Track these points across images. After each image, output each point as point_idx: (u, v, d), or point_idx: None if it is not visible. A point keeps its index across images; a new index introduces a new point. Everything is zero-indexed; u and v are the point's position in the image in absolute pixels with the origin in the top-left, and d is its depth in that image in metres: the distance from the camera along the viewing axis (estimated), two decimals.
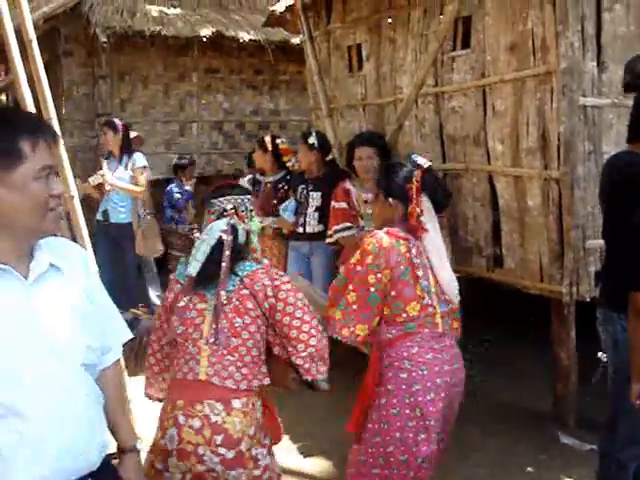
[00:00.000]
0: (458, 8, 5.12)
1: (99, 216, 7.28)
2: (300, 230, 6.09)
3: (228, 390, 2.75)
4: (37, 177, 1.88)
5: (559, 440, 4.74)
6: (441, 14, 5.50)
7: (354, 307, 3.26)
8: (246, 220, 2.95)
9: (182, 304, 2.90)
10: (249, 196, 3.05)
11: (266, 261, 3.04)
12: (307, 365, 2.83)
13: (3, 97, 14.91)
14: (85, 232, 4.51)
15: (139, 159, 7.32)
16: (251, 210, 3.00)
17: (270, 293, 2.80)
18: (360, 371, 3.65)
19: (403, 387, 3.23)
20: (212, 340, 2.80)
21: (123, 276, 7.44)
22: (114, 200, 7.23)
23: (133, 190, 7.20)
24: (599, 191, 3.69)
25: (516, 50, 4.86)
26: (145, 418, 4.87)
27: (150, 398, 3.18)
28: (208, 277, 2.82)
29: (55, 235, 2.09)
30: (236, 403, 2.75)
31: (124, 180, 7.21)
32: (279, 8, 7.59)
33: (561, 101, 4.51)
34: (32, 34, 4.31)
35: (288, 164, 6.67)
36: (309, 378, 2.86)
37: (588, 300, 4.59)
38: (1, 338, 1.82)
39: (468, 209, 5.37)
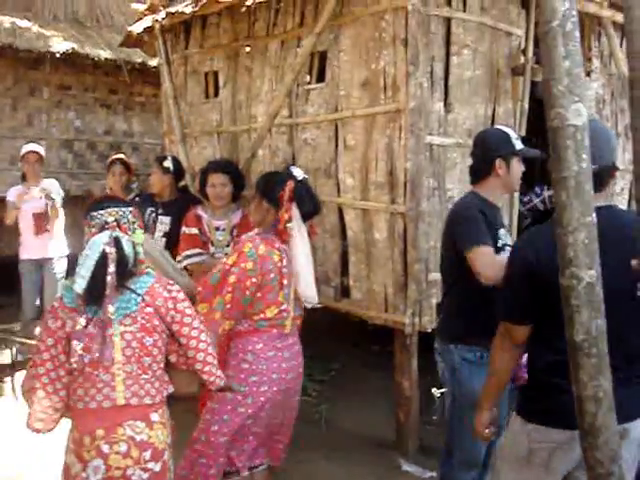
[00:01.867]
0: (314, 43, 5.24)
1: None
2: None
3: (145, 406, 2.78)
4: None
5: (401, 467, 4.86)
6: (298, 47, 5.59)
7: (228, 306, 3.57)
8: (129, 232, 2.87)
9: (80, 329, 2.75)
10: (131, 208, 2.96)
11: (152, 271, 2.99)
12: (212, 372, 2.94)
13: None
14: None
15: None
16: (134, 222, 2.92)
17: (171, 305, 2.84)
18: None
19: (242, 376, 3.61)
20: (97, 355, 2.72)
21: None
22: None
23: None
24: (444, 228, 3.85)
25: (368, 87, 5.01)
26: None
27: (39, 432, 2.95)
28: (96, 294, 2.73)
29: None
30: (154, 416, 2.80)
31: None
32: (137, 29, 7.45)
33: (409, 139, 4.67)
34: None
35: (133, 185, 6.68)
36: (221, 383, 2.98)
37: (429, 331, 4.75)
38: None
39: (318, 239, 5.43)
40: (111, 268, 2.73)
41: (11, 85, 9.95)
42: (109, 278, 2.72)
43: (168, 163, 6.00)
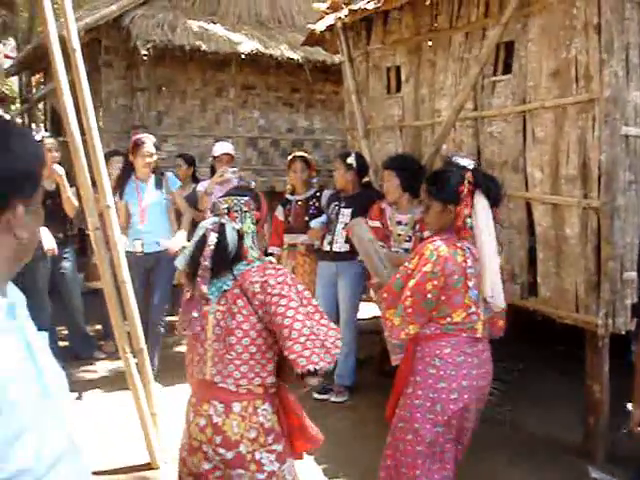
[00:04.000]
0: (501, 33, 5.10)
1: (130, 247, 6.05)
2: (327, 249, 6.11)
3: (230, 392, 2.84)
4: None
5: (589, 474, 4.65)
6: (483, 38, 5.48)
7: (409, 310, 3.40)
8: (237, 220, 2.97)
9: (186, 300, 3.02)
10: (247, 198, 3.06)
11: (269, 259, 3.05)
12: (296, 352, 2.69)
13: (41, 105, 15.17)
14: (121, 243, 4.55)
15: (174, 180, 6.70)
16: (246, 211, 3.02)
17: (258, 289, 2.82)
18: (384, 395, 3.64)
19: (429, 381, 3.42)
20: (198, 329, 2.91)
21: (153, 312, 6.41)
22: (149, 228, 6.31)
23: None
24: None
25: (558, 77, 4.82)
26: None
27: None
28: (191, 272, 2.92)
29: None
30: (236, 407, 2.83)
31: (160, 203, 6.40)
32: (319, 27, 7.57)
33: (603, 130, 4.45)
34: (76, 44, 4.36)
35: (313, 181, 6.80)
36: (298, 370, 2.70)
37: (623, 333, 4.52)
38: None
39: (504, 235, 5.30)
40: (207, 251, 2.85)
41: (199, 86, 10.48)
42: (202, 260, 2.85)
43: (351, 160, 6.08)
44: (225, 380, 2.85)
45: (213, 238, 2.89)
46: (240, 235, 2.95)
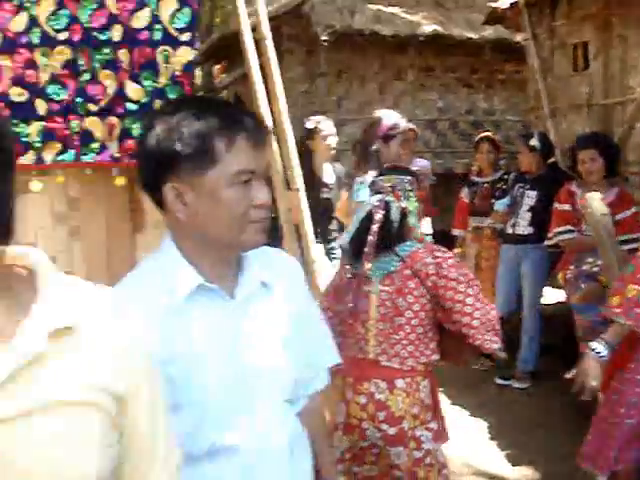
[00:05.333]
0: None
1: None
2: (510, 231, 6.02)
3: (393, 370, 2.88)
4: (232, 183, 1.54)
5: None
6: None
7: None
8: (401, 199, 2.98)
9: (346, 281, 3.05)
10: (409, 177, 3.07)
11: (428, 239, 3.07)
12: (480, 337, 2.80)
13: (224, 93, 15.77)
14: (310, 229, 4.63)
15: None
16: (410, 190, 3.02)
17: (432, 271, 2.83)
18: (567, 383, 3.55)
19: None
20: (350, 306, 2.94)
21: None
22: None
23: None
24: None
25: None
26: None
27: None
28: (356, 249, 2.94)
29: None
30: (399, 382, 2.86)
31: None
32: (501, 5, 7.44)
33: None
34: (267, 32, 4.52)
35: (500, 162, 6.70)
36: (493, 346, 2.83)
37: None
38: (209, 369, 1.56)
39: None
40: (374, 228, 2.87)
41: (378, 70, 10.49)
42: (370, 237, 2.86)
43: (534, 141, 5.94)
44: (390, 359, 2.89)
45: (380, 215, 2.92)
46: (404, 214, 2.98)
